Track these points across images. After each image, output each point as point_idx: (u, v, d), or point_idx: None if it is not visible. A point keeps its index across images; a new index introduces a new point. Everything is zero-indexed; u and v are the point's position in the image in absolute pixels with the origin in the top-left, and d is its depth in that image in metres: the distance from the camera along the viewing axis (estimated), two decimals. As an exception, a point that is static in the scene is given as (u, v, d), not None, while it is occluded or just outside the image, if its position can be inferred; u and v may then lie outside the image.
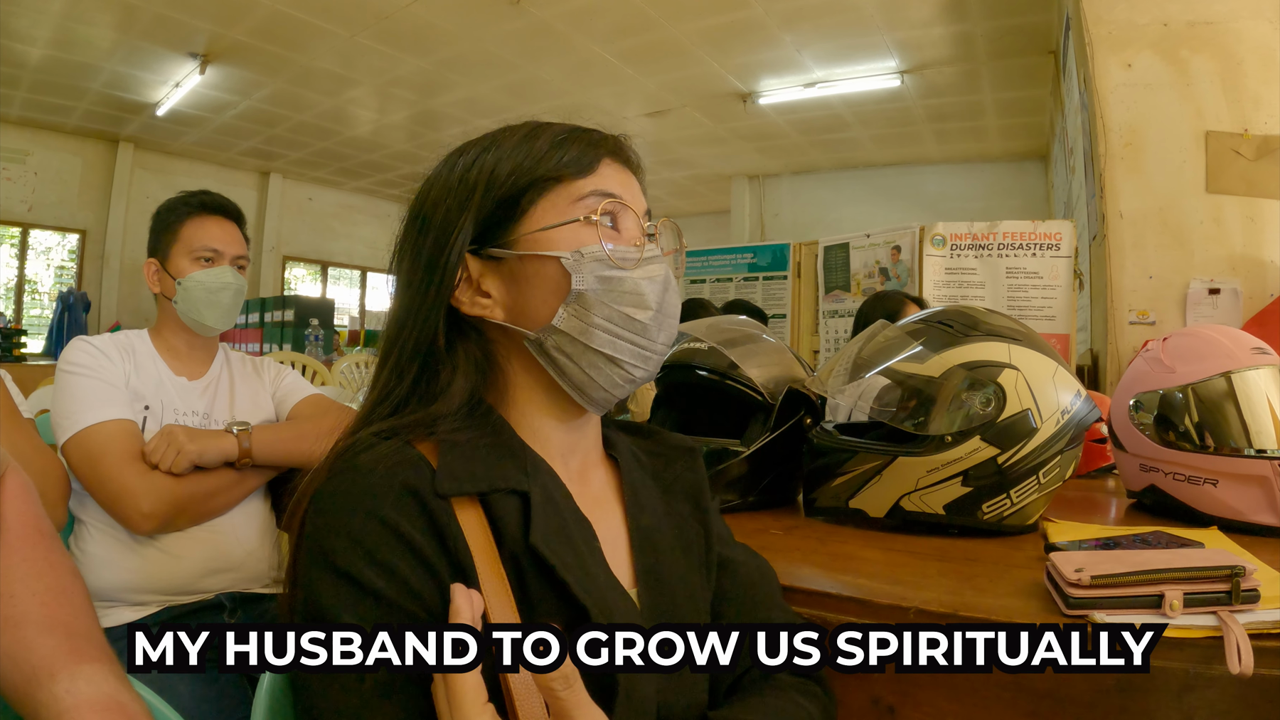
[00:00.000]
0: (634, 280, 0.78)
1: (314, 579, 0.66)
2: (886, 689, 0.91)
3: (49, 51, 6.77)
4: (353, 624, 0.63)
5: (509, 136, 0.81)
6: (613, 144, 0.84)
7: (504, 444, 0.77)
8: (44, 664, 0.66)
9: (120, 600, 1.55)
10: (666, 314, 0.81)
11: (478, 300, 0.80)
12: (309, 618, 0.66)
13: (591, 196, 0.79)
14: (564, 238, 0.78)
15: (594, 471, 0.86)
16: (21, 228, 9.10)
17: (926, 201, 8.88)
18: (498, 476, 0.73)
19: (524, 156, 0.79)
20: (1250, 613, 0.80)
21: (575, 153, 0.80)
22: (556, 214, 0.78)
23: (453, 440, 0.74)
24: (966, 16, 5.68)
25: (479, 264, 0.80)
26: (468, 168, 0.80)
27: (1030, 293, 3.97)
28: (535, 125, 0.82)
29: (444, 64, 7.00)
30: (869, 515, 1.29)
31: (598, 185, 0.80)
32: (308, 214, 11.59)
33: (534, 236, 0.78)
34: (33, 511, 0.77)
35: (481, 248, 0.79)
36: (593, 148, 0.81)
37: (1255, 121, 3.25)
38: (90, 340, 1.63)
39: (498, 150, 0.80)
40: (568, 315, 0.77)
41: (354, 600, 0.64)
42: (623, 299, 0.78)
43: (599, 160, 0.81)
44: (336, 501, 0.68)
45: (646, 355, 0.80)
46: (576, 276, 0.77)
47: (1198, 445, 1.30)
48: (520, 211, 0.78)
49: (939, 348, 1.26)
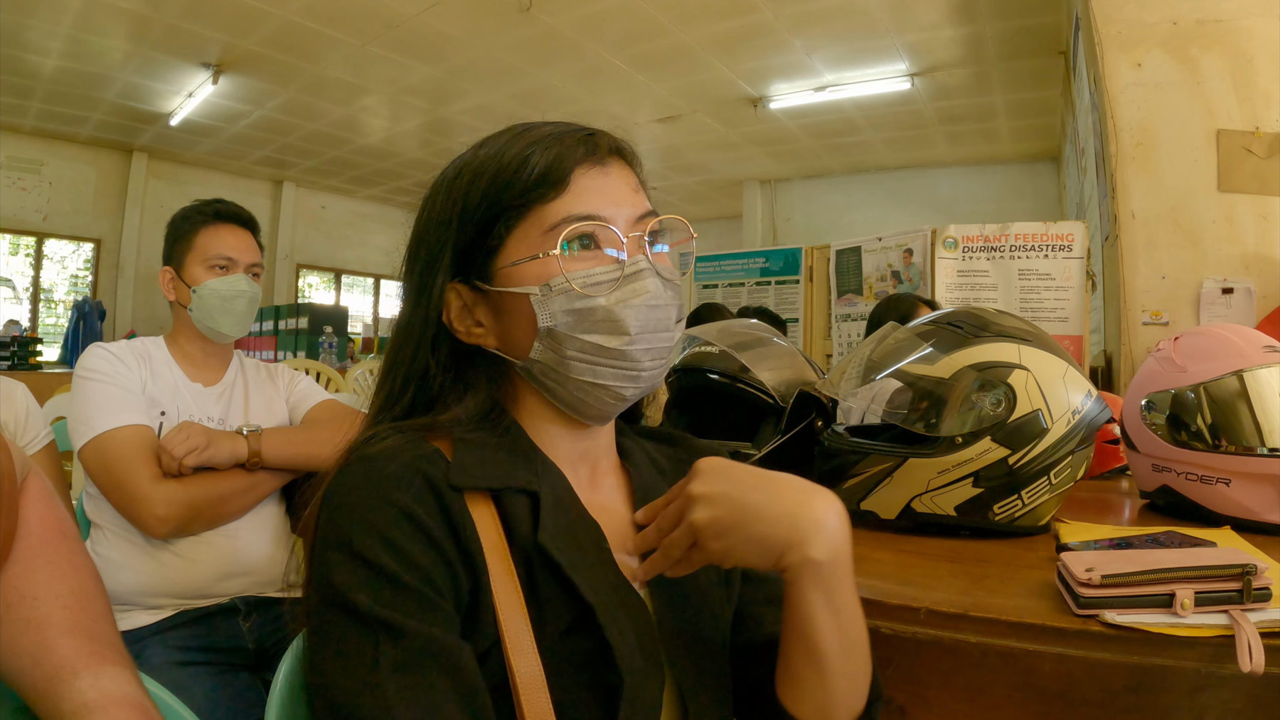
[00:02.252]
0: (608, 309, 0.75)
1: (328, 561, 0.66)
2: (897, 690, 0.91)
3: (62, 63, 6.82)
4: (370, 606, 0.63)
5: (484, 151, 0.80)
6: (588, 147, 0.78)
7: (516, 446, 0.78)
8: (66, 664, 0.67)
9: (136, 604, 1.56)
10: (653, 331, 0.77)
11: (473, 330, 0.80)
12: (321, 600, 0.66)
13: (561, 224, 0.75)
14: (533, 272, 0.76)
15: (605, 479, 0.86)
16: (37, 237, 9.15)
17: (938, 204, 8.85)
18: (509, 475, 0.74)
19: (491, 181, 0.77)
20: (1262, 611, 0.80)
21: (544, 168, 0.76)
22: (526, 247, 0.76)
23: (467, 439, 0.75)
24: (976, 18, 5.66)
25: (470, 294, 0.80)
26: (446, 195, 0.80)
27: (1043, 294, 3.96)
28: (511, 136, 0.80)
29: (455, 72, 7.01)
30: (880, 517, 1.29)
31: (568, 209, 0.76)
32: (321, 222, 11.63)
33: (507, 271, 0.77)
34: (55, 514, 0.78)
35: (469, 278, 0.79)
36: (562, 160, 0.76)
37: (1267, 119, 3.23)
38: (107, 347, 1.64)
39: (472, 172, 0.79)
40: (542, 348, 0.77)
41: (367, 581, 0.64)
42: (595, 328, 0.75)
43: (569, 173, 0.76)
44: (351, 489, 0.69)
45: (633, 375, 0.78)
46: (543, 313, 0.75)
47: (1210, 445, 1.30)
48: (495, 243, 0.77)
49: (949, 349, 1.26)
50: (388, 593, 0.64)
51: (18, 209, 8.74)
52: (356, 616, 0.64)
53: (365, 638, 0.63)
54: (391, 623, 0.63)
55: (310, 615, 0.68)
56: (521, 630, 0.68)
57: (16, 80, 7.11)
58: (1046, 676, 0.83)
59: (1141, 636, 0.80)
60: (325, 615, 0.66)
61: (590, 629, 0.70)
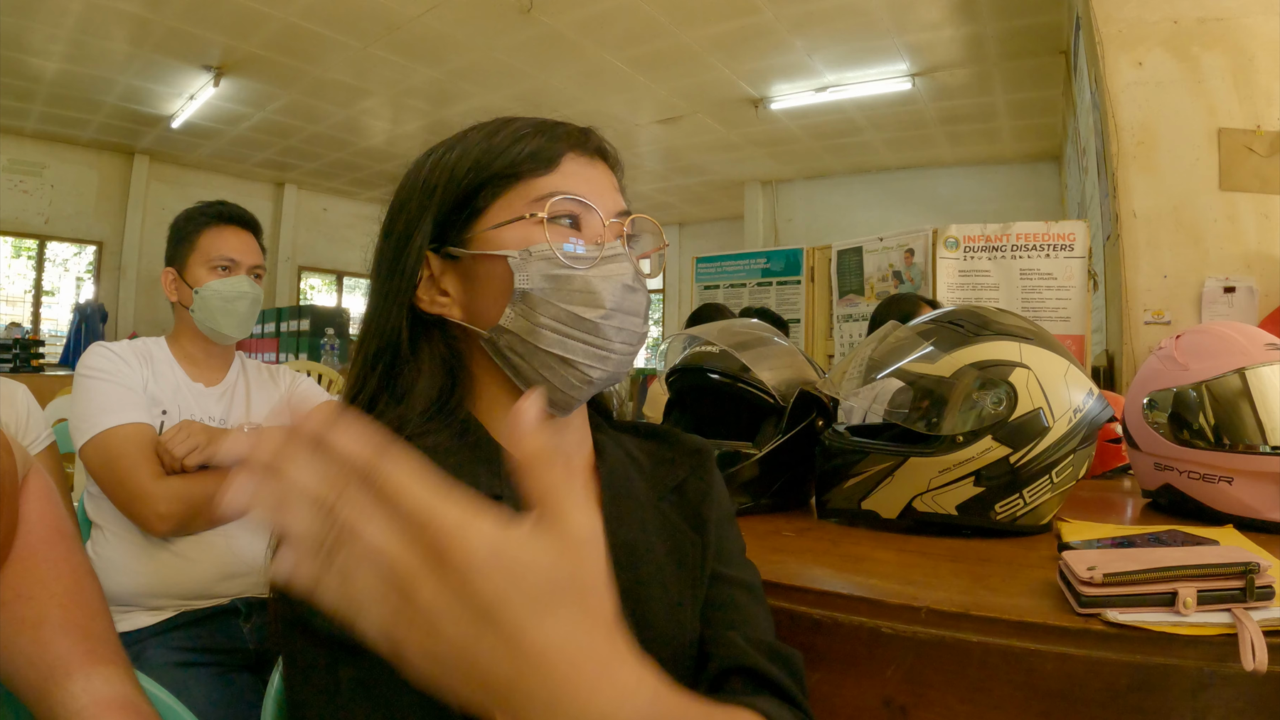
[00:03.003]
0: (585, 279, 0.76)
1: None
2: (898, 690, 0.90)
3: (64, 65, 6.84)
4: (327, 627, 0.62)
5: (474, 133, 0.81)
6: (578, 137, 0.81)
7: (476, 446, 0.76)
8: (60, 663, 0.67)
9: (136, 605, 1.56)
10: (627, 312, 0.78)
11: (437, 299, 0.80)
12: (287, 622, 0.65)
13: (548, 196, 0.77)
14: (515, 236, 0.77)
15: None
16: (39, 240, 9.18)
17: (940, 204, 8.85)
18: (469, 481, 0.72)
19: (482, 153, 0.78)
20: (1265, 610, 0.79)
21: (535, 147, 0.78)
22: (510, 212, 0.77)
23: (424, 445, 0.73)
24: (976, 18, 5.67)
25: (440, 262, 0.79)
26: (432, 167, 0.80)
27: (1044, 294, 3.95)
28: (501, 121, 0.81)
29: (456, 74, 7.02)
30: (881, 516, 1.29)
31: (556, 185, 0.77)
32: (323, 224, 11.64)
33: (486, 235, 0.77)
34: (54, 513, 0.78)
35: (441, 246, 0.79)
36: (555, 142, 0.79)
37: (1268, 117, 3.23)
38: (108, 346, 1.65)
39: (461, 147, 0.79)
40: (514, 315, 0.76)
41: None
42: (572, 298, 0.76)
43: (560, 156, 0.79)
44: None
45: (602, 355, 0.77)
46: (521, 275, 0.75)
47: (1212, 443, 1.29)
48: (477, 210, 0.78)
49: (950, 347, 1.26)
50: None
51: (20, 212, 8.77)
52: (315, 639, 0.63)
53: (325, 659, 0.62)
54: (349, 643, 0.62)
55: (279, 636, 0.68)
56: None
57: (18, 83, 7.13)
58: (1048, 676, 0.83)
59: (1144, 635, 0.80)
60: (288, 637, 0.65)
61: None
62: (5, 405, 1.61)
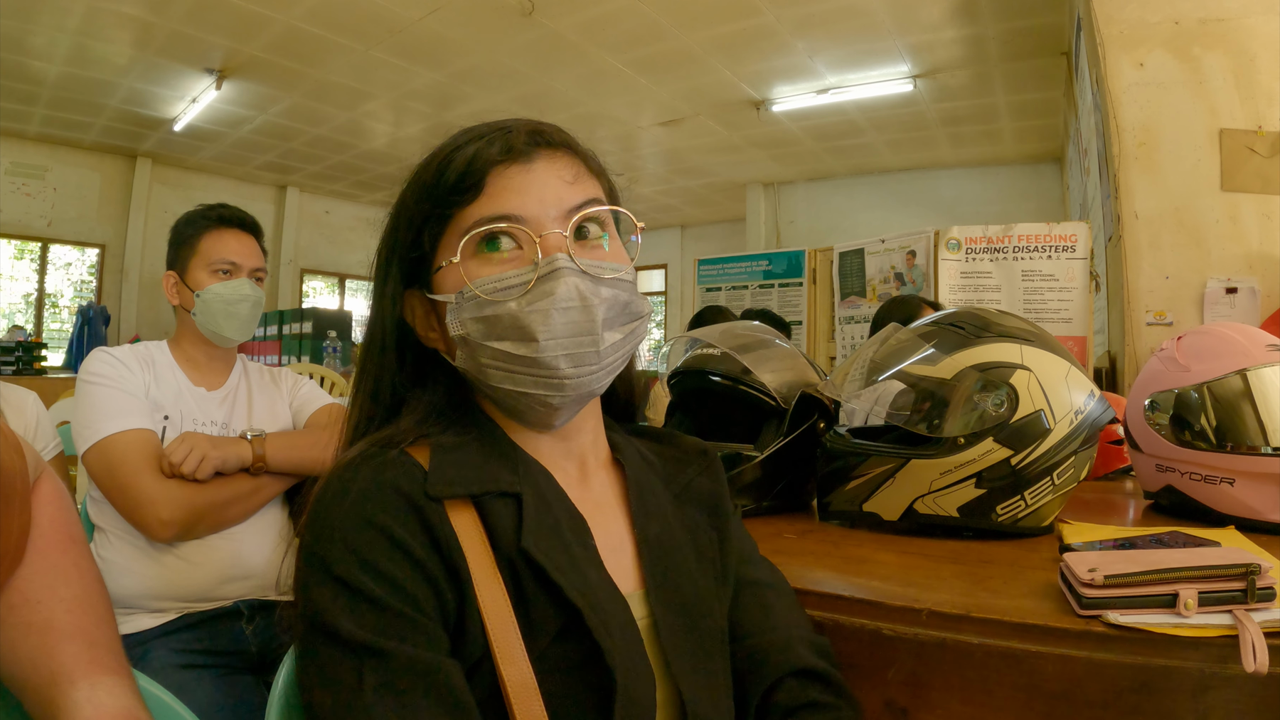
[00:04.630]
0: (513, 315, 0.72)
1: (311, 586, 0.67)
2: (900, 692, 0.90)
3: (66, 68, 6.85)
4: (352, 630, 0.64)
5: (425, 164, 0.79)
6: (503, 145, 0.75)
7: (495, 445, 0.77)
8: (64, 670, 0.67)
9: (139, 607, 1.56)
10: (568, 335, 0.72)
11: (428, 335, 0.81)
12: (310, 625, 0.66)
13: (472, 227, 0.73)
14: (451, 280, 0.75)
15: (596, 476, 0.85)
16: (41, 242, 9.20)
17: (942, 206, 8.85)
18: (489, 479, 0.73)
19: (418, 191, 0.77)
20: (1266, 611, 0.79)
21: (460, 172, 0.74)
22: (448, 253, 0.75)
23: (444, 443, 0.74)
24: (977, 19, 5.67)
25: (422, 302, 0.80)
26: (396, 203, 0.80)
27: (1046, 295, 3.95)
28: (440, 147, 0.79)
29: (458, 76, 7.03)
30: (883, 519, 1.29)
31: (482, 211, 0.74)
32: (325, 227, 11.65)
33: (437, 278, 0.77)
34: (65, 517, 0.78)
35: (418, 285, 0.80)
36: (477, 161, 0.74)
37: (1269, 118, 3.23)
38: (110, 351, 1.65)
39: (412, 185, 0.79)
40: (463, 357, 0.76)
41: (348, 605, 0.64)
42: (504, 334, 0.73)
43: (484, 174, 0.74)
44: (330, 509, 0.69)
45: (554, 383, 0.74)
46: (454, 322, 0.75)
47: (1214, 444, 1.29)
48: (426, 255, 0.78)
49: (951, 349, 1.26)
50: (370, 616, 0.64)
51: (22, 215, 8.79)
52: (339, 641, 0.64)
53: (349, 662, 0.63)
54: (374, 646, 0.63)
55: (298, 636, 0.68)
56: (511, 638, 0.68)
57: (21, 86, 7.15)
58: (1049, 677, 0.83)
59: (1145, 637, 0.80)
60: (310, 639, 0.66)
61: (581, 632, 0.69)
62: (14, 413, 1.62)
